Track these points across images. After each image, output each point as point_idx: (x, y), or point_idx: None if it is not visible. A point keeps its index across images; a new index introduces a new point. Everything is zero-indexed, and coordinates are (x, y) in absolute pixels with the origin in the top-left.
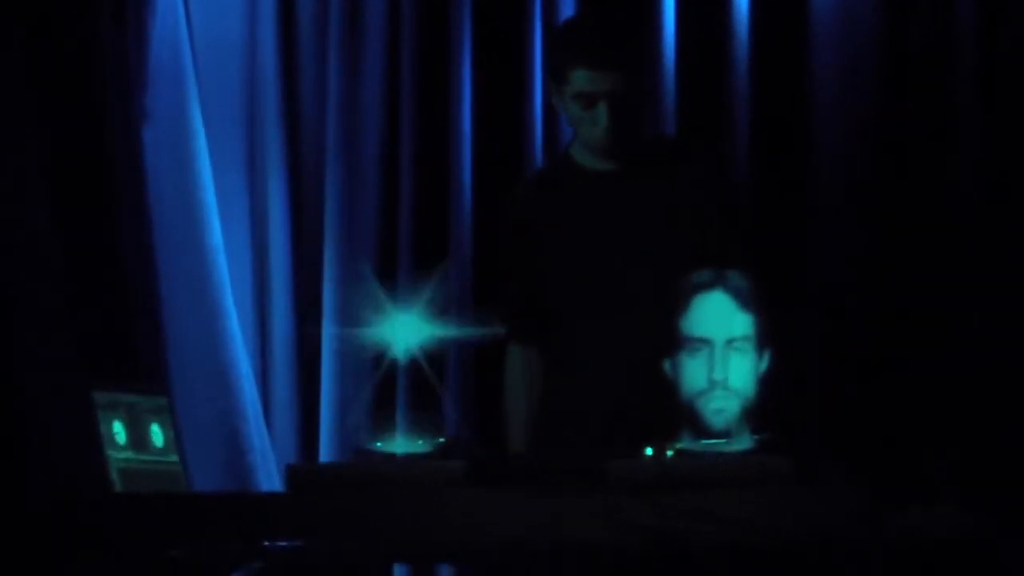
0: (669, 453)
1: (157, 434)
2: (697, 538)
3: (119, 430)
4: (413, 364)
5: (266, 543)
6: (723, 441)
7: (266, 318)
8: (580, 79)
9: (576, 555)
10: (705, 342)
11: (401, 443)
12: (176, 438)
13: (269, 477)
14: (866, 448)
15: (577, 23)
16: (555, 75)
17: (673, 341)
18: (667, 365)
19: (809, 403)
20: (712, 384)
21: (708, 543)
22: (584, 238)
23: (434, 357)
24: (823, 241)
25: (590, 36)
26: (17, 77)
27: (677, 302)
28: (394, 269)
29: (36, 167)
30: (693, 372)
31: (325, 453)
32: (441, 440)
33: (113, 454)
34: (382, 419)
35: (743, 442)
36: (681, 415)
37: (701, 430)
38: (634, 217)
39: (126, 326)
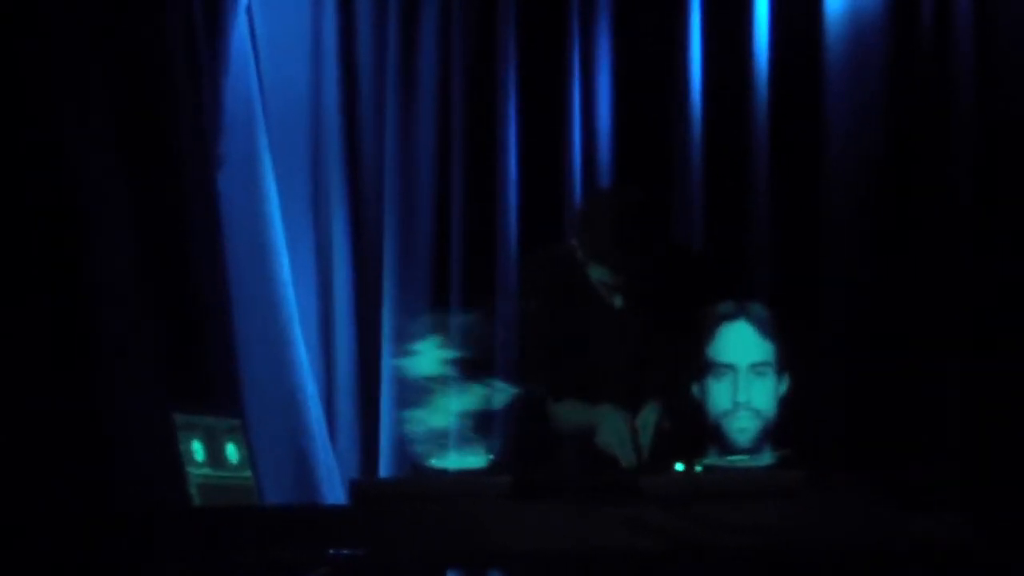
0: (698, 468)
1: (232, 452)
2: (723, 546)
3: (197, 448)
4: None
5: (331, 551)
6: (747, 457)
7: (331, 344)
8: (597, 272)
9: (612, 562)
10: (729, 367)
11: (454, 459)
12: (249, 456)
13: (334, 491)
14: (879, 462)
15: (599, 217)
16: (578, 242)
17: (700, 366)
18: (695, 388)
19: (825, 421)
20: (736, 406)
21: (733, 551)
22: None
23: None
24: (837, 271)
25: (611, 239)
26: (104, 132)
27: (703, 331)
28: (446, 300)
29: (122, 210)
30: (719, 395)
31: (385, 469)
32: (490, 457)
33: (192, 471)
34: (437, 438)
35: (765, 458)
36: (708, 434)
37: (726, 447)
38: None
39: (203, 354)
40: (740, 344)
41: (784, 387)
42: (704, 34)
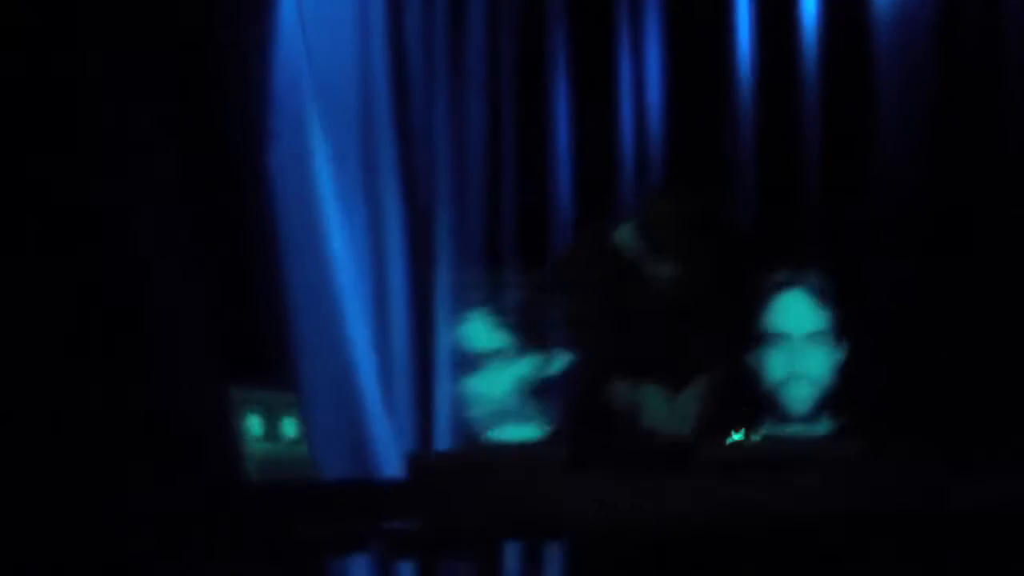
0: (755, 437)
1: (289, 426)
2: (780, 514)
3: (254, 423)
4: (519, 358)
5: (387, 525)
6: (803, 427)
7: (385, 318)
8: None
9: (669, 531)
10: (785, 336)
11: (510, 431)
12: (306, 430)
13: (390, 465)
14: (936, 428)
15: (662, 224)
16: (646, 246)
17: (755, 335)
18: (751, 357)
19: (882, 389)
20: (792, 375)
21: (790, 519)
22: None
23: (537, 351)
24: (892, 238)
25: (672, 246)
26: (154, 112)
27: (758, 300)
28: (500, 272)
29: (174, 187)
30: (775, 364)
31: (441, 442)
32: (547, 428)
33: (250, 445)
34: (493, 410)
35: (822, 427)
36: (764, 404)
37: (783, 416)
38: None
39: (259, 329)
40: (795, 313)
41: (840, 356)
42: (754, 8)
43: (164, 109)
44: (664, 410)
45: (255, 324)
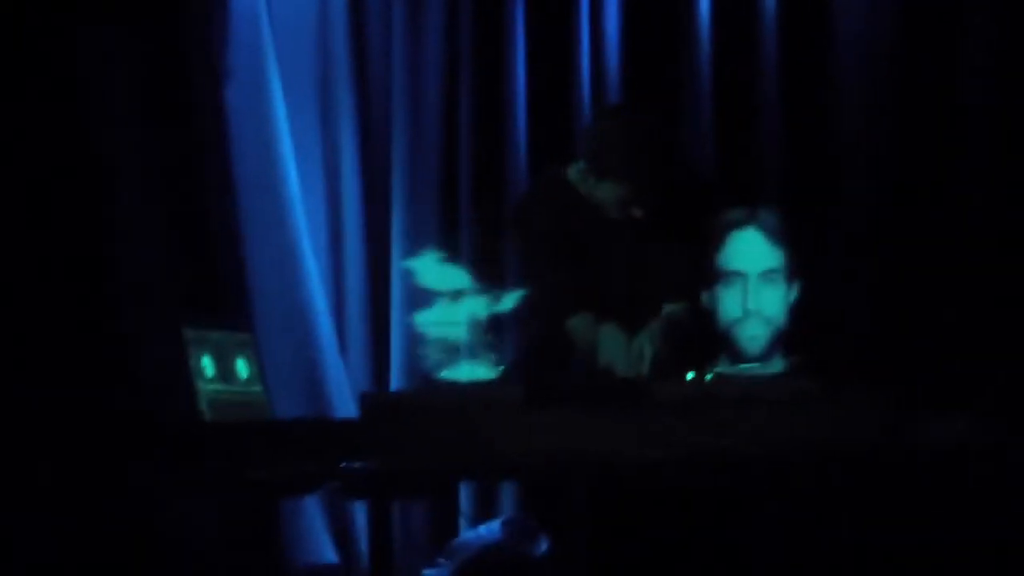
0: (708, 376)
1: (242, 367)
2: (734, 453)
3: (207, 364)
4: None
5: (342, 464)
6: (757, 365)
7: (340, 258)
8: (610, 190)
9: (624, 469)
10: (739, 275)
11: (465, 371)
12: (260, 370)
13: (345, 404)
14: (888, 366)
15: (611, 135)
16: (590, 168)
17: (709, 274)
18: (704, 296)
19: (836, 329)
20: (746, 313)
21: (744, 458)
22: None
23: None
24: (848, 177)
25: (623, 157)
26: (111, 44)
27: (713, 238)
28: (455, 213)
29: (131, 123)
30: (729, 302)
31: (396, 381)
32: (502, 367)
33: (202, 386)
34: (447, 349)
35: (776, 365)
36: (718, 342)
37: (737, 355)
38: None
39: (213, 268)
40: (750, 251)
41: (795, 295)
42: None
43: (120, 41)
44: (621, 349)
45: (209, 262)
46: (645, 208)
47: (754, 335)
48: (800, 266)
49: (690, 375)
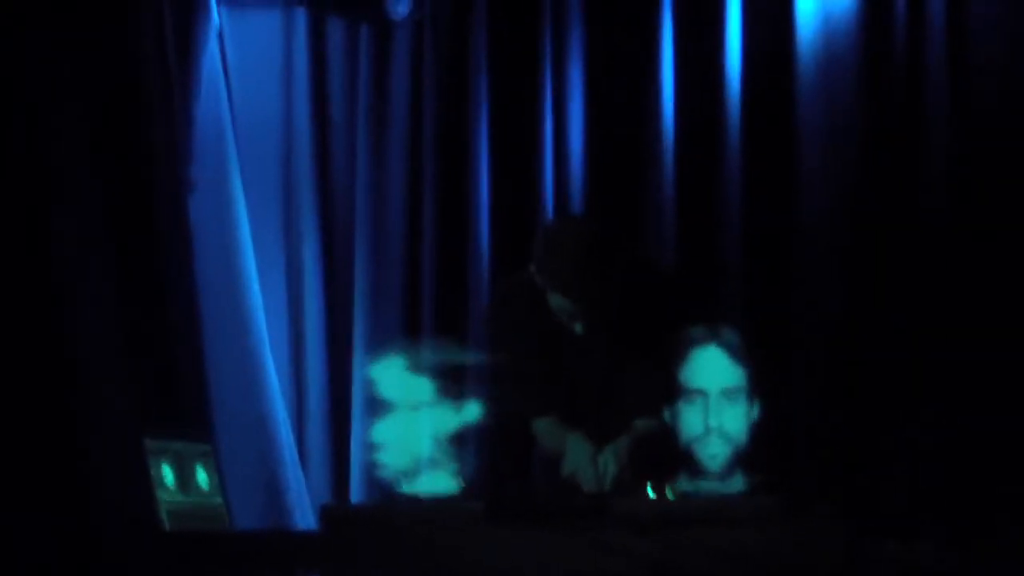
0: (670, 493)
1: (202, 477)
2: (695, 572)
3: (167, 473)
4: (435, 411)
5: None
6: (718, 483)
7: (301, 370)
8: (557, 300)
9: None
10: (701, 392)
11: (425, 484)
12: (220, 481)
13: (304, 516)
14: (851, 486)
15: (556, 246)
16: (536, 270)
17: (671, 391)
18: (666, 413)
19: (798, 447)
20: (708, 431)
21: None
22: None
23: (453, 404)
24: (809, 295)
25: (568, 271)
26: (79, 158)
27: (675, 355)
28: (418, 324)
29: (94, 234)
30: (690, 420)
31: (356, 494)
32: (462, 482)
33: (162, 496)
34: (408, 463)
35: (736, 484)
36: (679, 459)
37: (698, 472)
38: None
39: (174, 379)
40: (711, 369)
41: (756, 413)
42: (676, 57)
43: (86, 155)
44: (587, 461)
45: (170, 373)
46: (588, 322)
47: (715, 453)
48: (761, 384)
49: (649, 491)
